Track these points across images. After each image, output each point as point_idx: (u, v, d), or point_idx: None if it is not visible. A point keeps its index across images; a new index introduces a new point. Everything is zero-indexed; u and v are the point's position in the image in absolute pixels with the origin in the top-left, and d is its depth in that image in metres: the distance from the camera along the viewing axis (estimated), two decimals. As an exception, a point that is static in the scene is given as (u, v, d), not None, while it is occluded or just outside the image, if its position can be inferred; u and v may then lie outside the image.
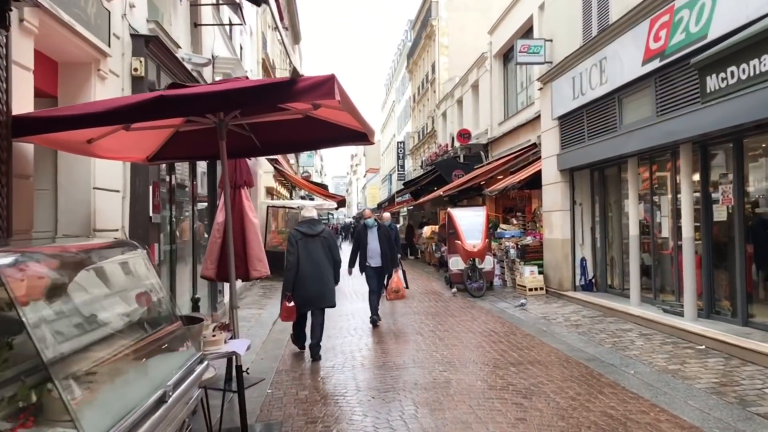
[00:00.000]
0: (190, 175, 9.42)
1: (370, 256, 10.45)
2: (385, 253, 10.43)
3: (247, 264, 6.45)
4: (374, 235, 10.52)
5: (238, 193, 6.47)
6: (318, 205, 20.96)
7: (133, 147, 5.68)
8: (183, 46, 8.77)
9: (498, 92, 22.75)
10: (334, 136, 5.68)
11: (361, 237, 10.64)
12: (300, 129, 5.65)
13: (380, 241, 10.47)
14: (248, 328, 10.00)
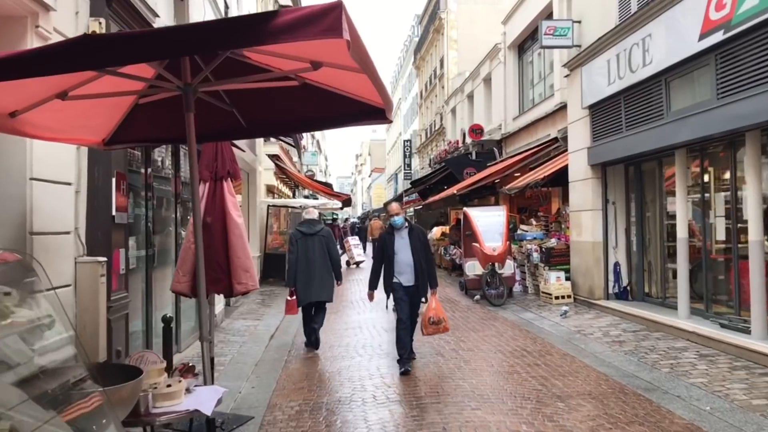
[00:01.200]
0: (173, 165, 8.08)
1: (399, 270, 7.28)
2: (419, 267, 7.28)
3: (230, 276, 5.12)
4: (404, 241, 7.33)
5: (219, 186, 5.16)
6: (322, 204, 19.67)
7: (79, 125, 4.38)
8: (162, 16, 7.45)
9: (513, 85, 21.48)
10: (341, 112, 4.34)
11: (386, 244, 7.41)
12: (297, 102, 4.34)
13: (413, 248, 7.30)
14: (240, 344, 8.68)
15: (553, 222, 14.92)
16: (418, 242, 7.43)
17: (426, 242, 7.73)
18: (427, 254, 7.54)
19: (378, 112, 4.21)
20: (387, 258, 7.40)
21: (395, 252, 7.36)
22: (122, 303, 5.75)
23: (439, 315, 7.40)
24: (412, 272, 7.31)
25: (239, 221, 5.14)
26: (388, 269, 7.38)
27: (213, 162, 5.12)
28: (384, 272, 7.47)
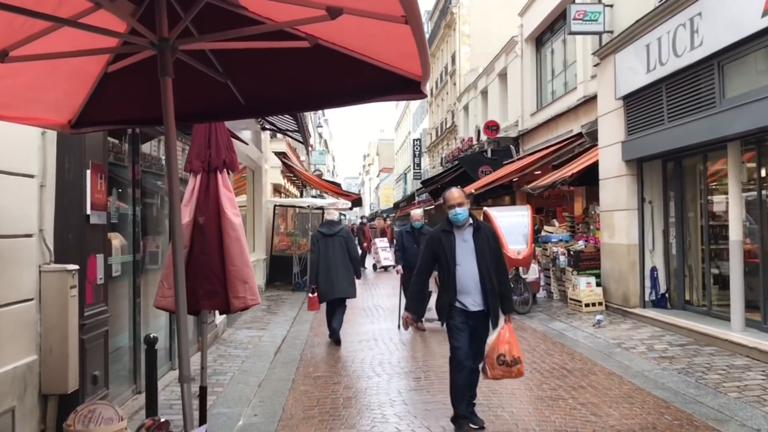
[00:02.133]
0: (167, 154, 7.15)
1: (462, 288, 5.02)
2: (488, 283, 4.98)
3: (226, 288, 4.19)
4: (468, 246, 5.05)
5: (213, 179, 4.23)
6: (331, 204, 18.74)
7: (31, 100, 3.45)
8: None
9: (530, 80, 20.55)
10: (363, 84, 3.39)
11: (442, 250, 5.09)
12: (307, 72, 3.40)
13: (480, 256, 5.00)
14: (242, 360, 7.76)
15: (579, 223, 13.93)
16: (487, 248, 5.00)
17: (498, 248, 5.27)
18: (499, 265, 5.13)
19: (410, 85, 3.27)
20: (444, 270, 5.06)
21: (456, 262, 4.98)
22: (100, 319, 4.84)
23: (513, 352, 4.92)
24: (479, 291, 4.96)
25: (236, 221, 4.21)
26: (446, 287, 5.07)
27: (205, 149, 4.20)
28: (440, 290, 5.23)
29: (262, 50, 3.31)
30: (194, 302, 4.04)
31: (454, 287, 4.99)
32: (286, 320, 10.93)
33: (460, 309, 5.01)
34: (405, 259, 9.75)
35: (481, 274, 4.95)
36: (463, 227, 5.07)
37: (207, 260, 4.10)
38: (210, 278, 4.10)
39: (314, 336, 9.51)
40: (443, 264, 5.07)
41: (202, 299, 4.09)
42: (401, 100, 3.68)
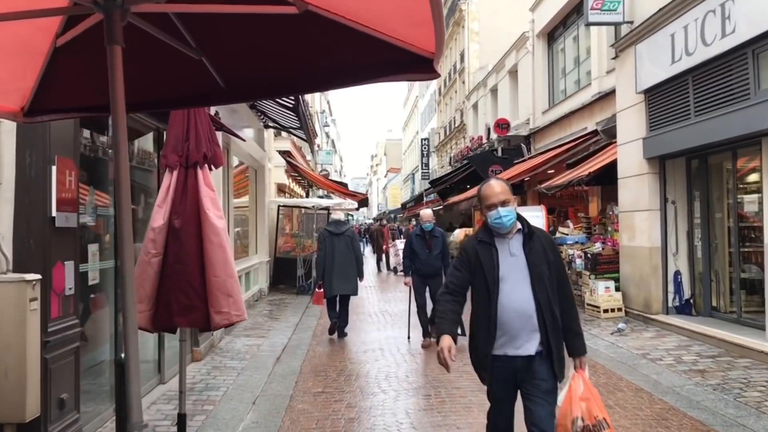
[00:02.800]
0: (155, 148, 6.60)
1: (506, 322, 3.33)
2: (547, 314, 3.30)
3: (207, 302, 3.62)
4: (516, 260, 3.39)
5: (191, 176, 3.67)
6: (337, 204, 18.19)
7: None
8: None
9: (542, 76, 19.99)
10: (364, 61, 2.80)
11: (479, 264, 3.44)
12: (295, 46, 2.83)
13: (535, 274, 3.34)
14: (238, 372, 7.19)
15: (596, 224, 13.30)
16: (546, 264, 3.36)
17: (560, 262, 3.52)
18: (564, 288, 3.45)
19: (419, 63, 2.69)
20: (481, 298, 3.41)
21: (500, 278, 3.34)
22: (68, 335, 4.28)
23: (594, 412, 3.29)
24: (535, 330, 3.31)
25: (219, 225, 3.64)
26: (482, 324, 3.40)
27: (182, 142, 3.64)
28: (473, 326, 3.51)
29: (243, 21, 2.75)
30: (168, 319, 3.49)
31: (494, 325, 3.28)
32: (288, 326, 10.37)
33: (504, 360, 3.33)
34: (415, 267, 8.78)
35: (538, 304, 3.26)
36: (508, 235, 3.38)
37: (183, 270, 3.54)
38: (187, 291, 3.54)
39: (316, 345, 8.94)
40: (479, 289, 3.40)
41: (177, 315, 3.53)
42: (410, 80, 3.07)
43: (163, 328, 3.63)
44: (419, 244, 8.73)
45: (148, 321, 3.60)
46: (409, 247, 8.88)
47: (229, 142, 11.24)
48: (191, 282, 3.55)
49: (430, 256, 8.62)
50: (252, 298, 13.27)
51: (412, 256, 8.76)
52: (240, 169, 13.74)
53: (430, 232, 8.76)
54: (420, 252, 8.66)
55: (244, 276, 12.55)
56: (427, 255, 8.62)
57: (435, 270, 8.66)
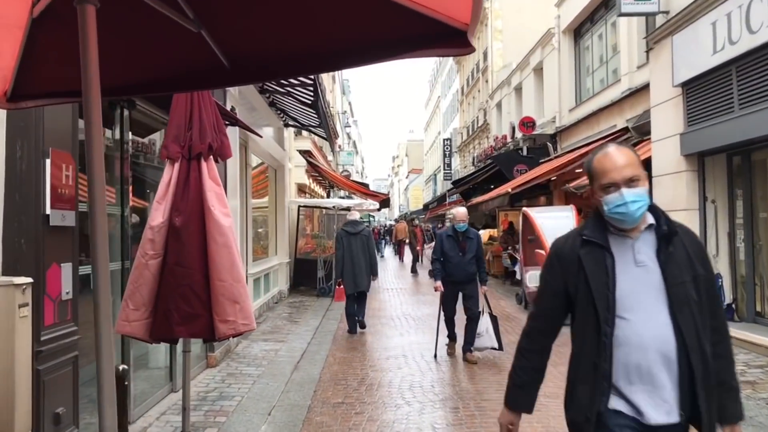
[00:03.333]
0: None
1: (636, 370, 2.12)
2: (696, 360, 2.09)
3: (210, 309, 3.24)
4: (648, 276, 2.18)
5: (194, 168, 3.29)
6: (357, 204, 17.81)
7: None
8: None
9: (568, 73, 19.48)
10: (387, 35, 2.39)
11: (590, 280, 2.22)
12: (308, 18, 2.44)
13: (673, 297, 2.13)
14: (254, 380, 6.82)
15: (628, 224, 12.70)
16: (691, 278, 2.17)
17: (712, 277, 2.27)
18: (717, 314, 2.25)
19: (451, 36, 2.27)
20: (587, 327, 2.22)
21: (618, 310, 2.16)
22: (65, 343, 3.93)
23: None
24: (674, 377, 2.11)
25: (225, 223, 3.26)
26: (589, 364, 2.21)
27: (185, 130, 3.27)
28: (570, 371, 2.34)
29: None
30: (167, 328, 3.12)
31: (608, 365, 2.16)
32: (307, 330, 10.00)
33: (627, 419, 2.15)
34: (446, 272, 7.89)
35: (680, 338, 2.11)
36: (633, 232, 2.25)
37: (185, 273, 3.16)
38: (188, 297, 3.16)
39: (336, 350, 8.55)
40: (583, 313, 2.25)
41: (177, 324, 3.16)
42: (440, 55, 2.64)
43: (162, 338, 3.26)
44: (451, 246, 7.88)
45: (145, 330, 3.23)
46: (439, 248, 7.99)
47: (247, 140, 10.92)
48: (193, 287, 3.17)
49: (463, 260, 7.80)
50: (271, 301, 12.94)
51: (443, 260, 7.92)
52: (260, 169, 13.43)
53: (463, 233, 7.88)
54: (452, 255, 7.83)
55: (262, 277, 12.23)
56: (459, 258, 7.80)
57: (468, 276, 7.85)
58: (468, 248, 7.85)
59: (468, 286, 7.88)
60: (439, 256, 7.96)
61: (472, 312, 7.80)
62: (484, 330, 7.67)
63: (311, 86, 9.02)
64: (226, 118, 6.45)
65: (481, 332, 7.66)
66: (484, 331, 7.66)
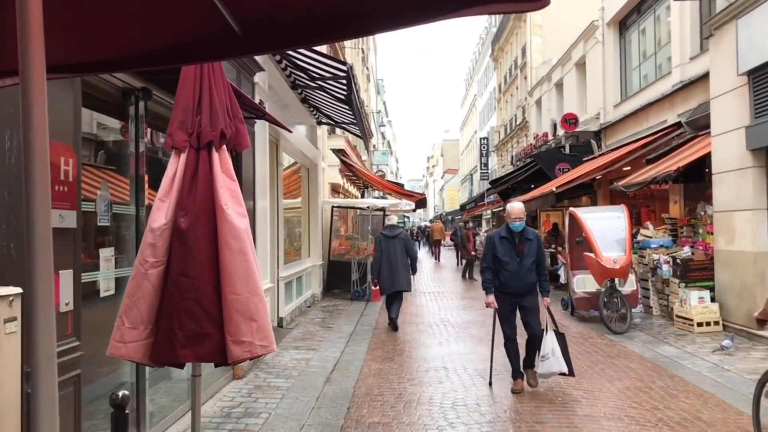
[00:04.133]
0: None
1: None
2: None
3: (222, 328, 2.71)
4: None
5: (204, 160, 2.77)
6: (393, 205, 17.26)
7: None
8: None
9: (613, 67, 18.69)
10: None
11: None
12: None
13: None
14: (282, 394, 6.30)
15: (683, 225, 11.91)
16: None
17: None
18: None
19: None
20: None
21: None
22: (63, 361, 3.43)
23: None
24: None
25: (241, 225, 2.73)
26: None
27: (193, 115, 2.75)
28: None
29: None
30: (170, 349, 2.60)
31: None
32: (341, 337, 9.48)
33: None
34: (500, 282, 6.48)
35: None
36: None
37: (192, 285, 2.64)
38: (195, 313, 2.63)
39: (371, 360, 7.99)
40: None
41: (182, 346, 2.63)
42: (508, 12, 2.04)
43: (164, 361, 2.74)
44: (506, 249, 6.42)
45: (144, 352, 2.72)
46: (491, 253, 6.50)
47: (278, 137, 10.46)
48: (201, 301, 2.65)
49: (521, 267, 6.36)
50: (304, 305, 12.47)
51: (495, 268, 6.50)
52: (293, 169, 12.99)
53: (520, 233, 6.45)
54: (507, 261, 6.39)
55: (295, 281, 11.76)
56: (517, 265, 6.37)
57: (528, 286, 6.42)
58: (527, 252, 6.40)
59: (527, 297, 6.42)
60: (490, 263, 6.50)
61: (534, 330, 6.40)
62: (550, 351, 6.18)
63: (344, 79, 8.50)
64: (253, 110, 5.94)
65: (546, 354, 6.20)
66: (549, 353, 6.19)
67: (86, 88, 4.10)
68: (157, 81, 4.89)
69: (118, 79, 4.42)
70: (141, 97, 4.71)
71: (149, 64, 2.48)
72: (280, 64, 9.11)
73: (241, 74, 7.11)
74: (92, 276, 4.22)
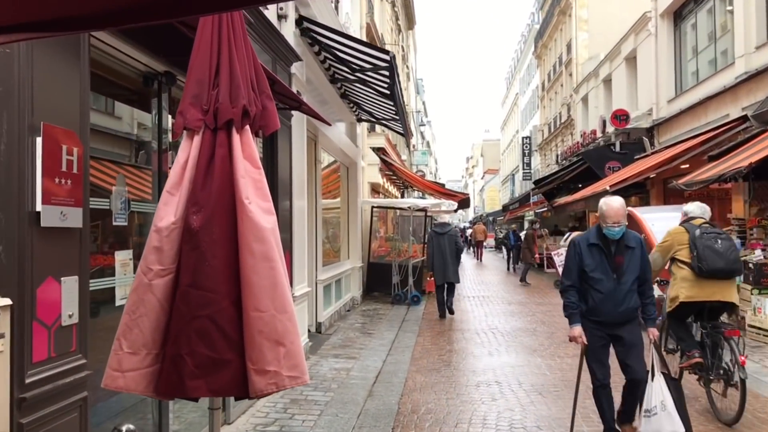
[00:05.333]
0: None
1: None
2: None
3: (243, 353, 2.16)
4: None
5: (220, 144, 2.22)
6: (434, 205, 16.64)
7: None
8: None
9: (667, 60, 17.80)
10: None
11: None
12: None
13: None
14: (321, 409, 5.76)
15: (752, 227, 11.02)
16: None
17: None
18: None
19: None
20: None
21: None
22: (65, 383, 2.95)
23: None
24: None
25: (266, 224, 2.18)
26: None
27: (208, 88, 2.21)
28: None
29: None
30: (178, 380, 2.05)
31: None
32: (382, 345, 8.92)
33: None
34: (588, 307, 4.69)
35: None
36: None
37: (205, 299, 2.10)
38: (209, 335, 2.10)
39: (416, 371, 7.41)
40: None
41: (192, 376, 2.11)
42: None
43: (172, 393, 2.20)
44: (597, 262, 4.63)
45: (147, 383, 2.18)
46: (576, 266, 4.70)
47: (317, 134, 9.97)
48: (218, 319, 2.10)
49: (619, 287, 4.59)
50: (343, 308, 11.96)
51: (583, 285, 4.71)
52: (332, 168, 12.51)
53: (618, 241, 4.60)
54: (599, 278, 4.61)
55: (333, 284, 11.26)
56: (613, 284, 4.59)
57: (627, 313, 4.66)
58: (627, 265, 4.61)
59: (626, 328, 4.65)
60: (575, 279, 4.70)
61: (636, 373, 4.58)
62: (659, 405, 4.39)
63: (386, 69, 7.94)
64: (288, 100, 5.43)
65: (653, 408, 4.41)
66: (657, 406, 4.40)
67: (100, 69, 3.63)
68: (182, 65, 4.40)
69: (137, 61, 3.94)
70: (164, 83, 4.22)
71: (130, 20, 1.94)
72: (319, 56, 8.61)
73: (276, 63, 6.61)
74: (108, 282, 3.75)
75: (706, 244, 5.41)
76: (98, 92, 3.72)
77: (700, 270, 5.34)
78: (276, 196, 6.68)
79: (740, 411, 5.11)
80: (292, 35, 7.40)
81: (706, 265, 5.30)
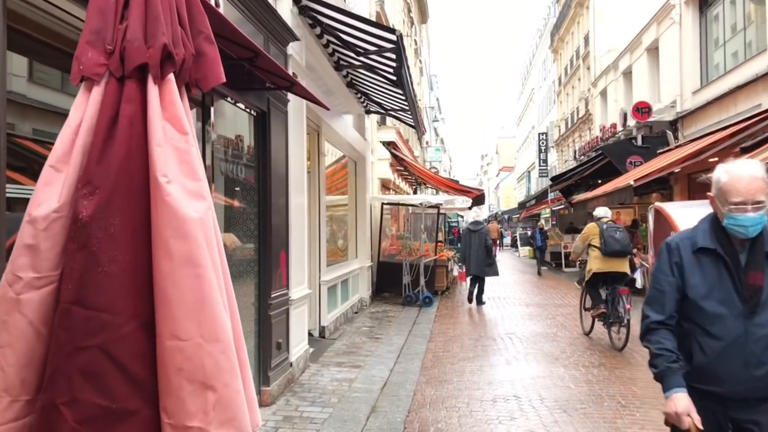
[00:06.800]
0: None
1: None
2: None
3: (156, 401, 1.48)
4: None
5: (130, 99, 1.54)
6: (448, 201, 15.92)
7: None
8: None
9: (691, 50, 16.98)
10: None
11: None
12: None
13: None
14: (317, 428, 5.09)
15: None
16: None
17: None
18: None
19: None
20: None
21: None
22: None
23: None
24: None
25: (191, 213, 1.50)
26: None
27: (114, 22, 1.54)
28: None
29: None
30: None
31: None
32: (390, 351, 8.25)
33: None
34: (698, 365, 2.53)
35: None
36: None
37: (97, 323, 1.41)
38: (101, 376, 1.40)
39: (426, 383, 6.71)
40: None
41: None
42: None
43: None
44: (710, 281, 2.52)
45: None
46: (671, 287, 2.59)
47: (320, 125, 9.29)
48: (115, 351, 1.41)
49: (754, 330, 2.44)
50: (350, 311, 11.29)
51: (685, 325, 2.59)
52: (341, 164, 11.85)
53: (754, 242, 2.47)
54: (718, 311, 2.49)
55: (339, 284, 10.58)
56: (744, 325, 2.44)
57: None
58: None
59: (762, 408, 2.50)
60: (672, 310, 2.59)
61: None
62: None
63: (393, 51, 7.24)
64: (277, 78, 4.77)
65: None
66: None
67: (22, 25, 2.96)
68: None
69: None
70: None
71: None
72: (321, 39, 7.94)
73: (269, 41, 5.94)
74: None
75: (609, 234, 8.48)
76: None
77: (605, 251, 8.44)
78: (269, 191, 6.01)
79: (626, 341, 8.06)
80: (289, 13, 6.73)
81: (609, 248, 8.41)
